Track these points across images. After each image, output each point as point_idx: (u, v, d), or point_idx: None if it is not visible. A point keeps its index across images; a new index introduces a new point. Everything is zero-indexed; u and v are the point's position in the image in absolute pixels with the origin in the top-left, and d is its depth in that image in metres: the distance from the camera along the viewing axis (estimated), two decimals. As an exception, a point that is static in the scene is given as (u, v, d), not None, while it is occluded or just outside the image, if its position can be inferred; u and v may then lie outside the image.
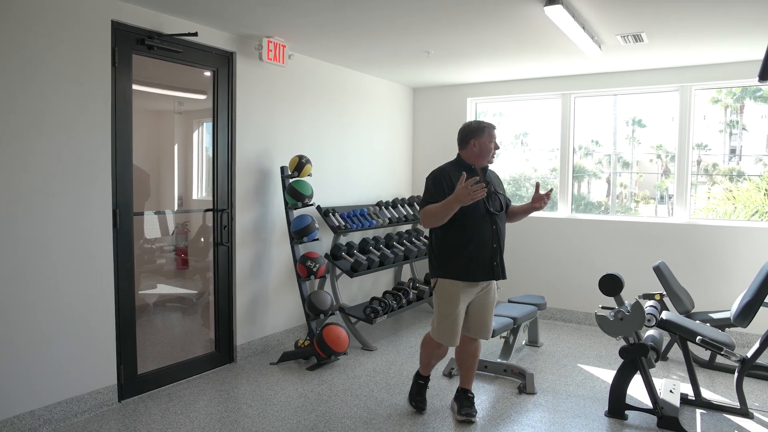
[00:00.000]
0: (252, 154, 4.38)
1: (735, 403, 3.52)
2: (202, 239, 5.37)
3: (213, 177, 4.16)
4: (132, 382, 3.58)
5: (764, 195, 5.89)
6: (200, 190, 5.25)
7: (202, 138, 5.31)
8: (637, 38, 4.03)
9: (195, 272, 5.50)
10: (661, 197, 6.83)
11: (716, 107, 5.61)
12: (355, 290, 5.65)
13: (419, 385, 3.55)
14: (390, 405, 3.59)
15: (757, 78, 1.70)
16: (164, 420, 3.30)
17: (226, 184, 4.21)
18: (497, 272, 3.22)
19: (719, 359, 4.31)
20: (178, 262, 5.46)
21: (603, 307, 3.67)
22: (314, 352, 4.26)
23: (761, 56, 4.58)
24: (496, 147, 3.27)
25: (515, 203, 3.55)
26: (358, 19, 3.75)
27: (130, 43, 3.46)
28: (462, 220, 3.06)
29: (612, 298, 3.57)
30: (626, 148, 6.41)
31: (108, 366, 3.42)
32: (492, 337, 4.03)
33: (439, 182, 3.13)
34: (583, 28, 3.71)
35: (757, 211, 5.79)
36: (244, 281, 4.37)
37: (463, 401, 3.42)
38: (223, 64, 4.11)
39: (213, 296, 4.24)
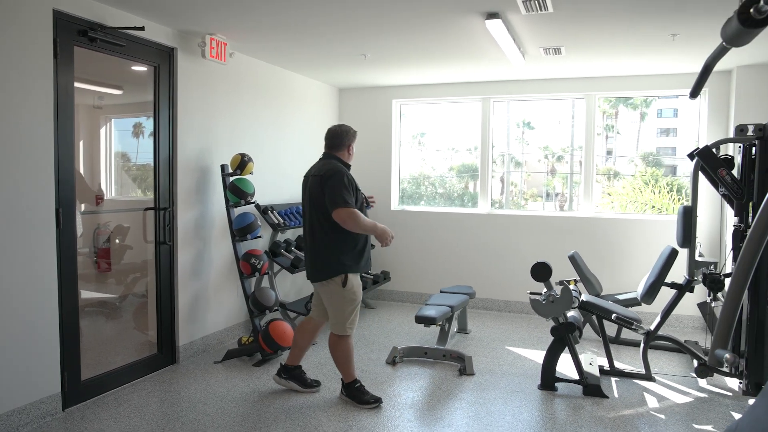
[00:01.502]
0: (193, 151, 4.31)
1: (641, 370, 4.07)
2: (117, 240, 5.16)
3: (155, 175, 4.05)
4: (76, 389, 3.42)
5: (651, 192, 6.71)
6: (109, 190, 5.05)
7: (110, 135, 5.11)
8: (557, 51, 4.50)
9: (114, 275, 5.26)
10: (548, 194, 7.36)
11: (595, 112, 6.28)
12: (288, 286, 5.71)
13: (359, 389, 3.58)
14: (344, 393, 3.74)
15: (689, 95, 2.07)
16: (118, 424, 3.21)
17: (168, 182, 4.12)
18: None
19: (623, 334, 4.92)
20: (99, 264, 5.19)
21: (531, 293, 4.08)
22: (259, 348, 4.30)
23: (655, 71, 5.29)
24: None
25: (416, 202, 3.92)
26: (301, 21, 3.86)
27: (72, 35, 3.31)
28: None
29: (539, 284, 4.00)
30: (517, 148, 6.88)
31: (51, 373, 3.25)
32: (433, 325, 4.34)
33: (351, 185, 3.37)
34: (514, 40, 4.09)
35: (647, 205, 6.59)
36: (185, 280, 4.30)
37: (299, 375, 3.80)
38: (164, 59, 4.02)
39: (155, 297, 4.12)
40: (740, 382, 3.81)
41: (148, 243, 4.20)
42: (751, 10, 1.28)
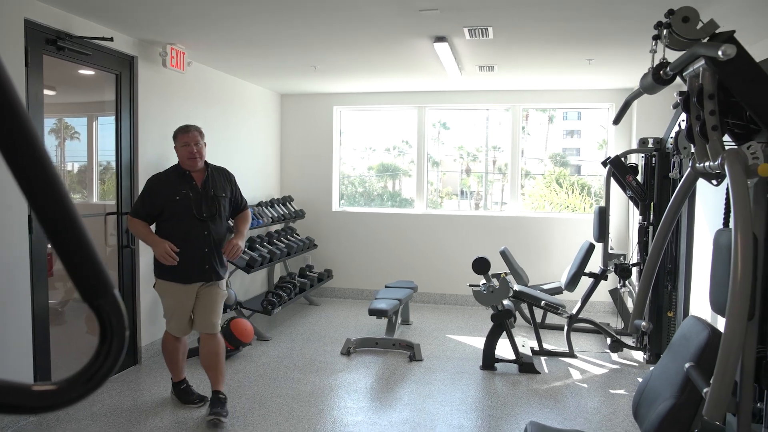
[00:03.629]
0: (152, 157, 4.43)
1: (565, 349, 4.70)
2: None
3: (117, 180, 4.14)
4: (47, 390, 3.49)
5: (565, 193, 7.48)
6: None
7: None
8: (491, 68, 5.04)
9: (53, 280, 5.21)
10: (463, 193, 7.72)
11: (508, 114, 6.82)
12: (238, 286, 5.88)
13: (185, 390, 3.64)
14: (308, 382, 4.05)
15: (612, 122, 2.58)
16: (97, 423, 3.34)
17: (129, 186, 4.22)
18: (209, 275, 3.36)
19: (547, 319, 5.57)
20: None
21: (471, 285, 4.59)
22: (220, 345, 4.49)
23: (573, 87, 5.98)
24: (191, 151, 3.35)
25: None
26: (257, 37, 4.12)
27: (41, 44, 3.38)
28: (170, 225, 3.32)
29: (474, 277, 4.51)
30: (433, 148, 7.17)
31: (24, 376, 3.32)
32: (384, 317, 4.73)
33: (147, 194, 3.35)
34: (455, 59, 4.57)
35: (561, 204, 7.34)
36: (146, 283, 4.40)
37: (214, 401, 3.43)
38: (125, 68, 4.12)
39: (117, 299, 4.20)
40: (644, 354, 4.53)
41: (108, 247, 4.27)
42: (661, 72, 1.78)
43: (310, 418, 3.46)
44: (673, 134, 3.87)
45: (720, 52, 1.36)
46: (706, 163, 1.76)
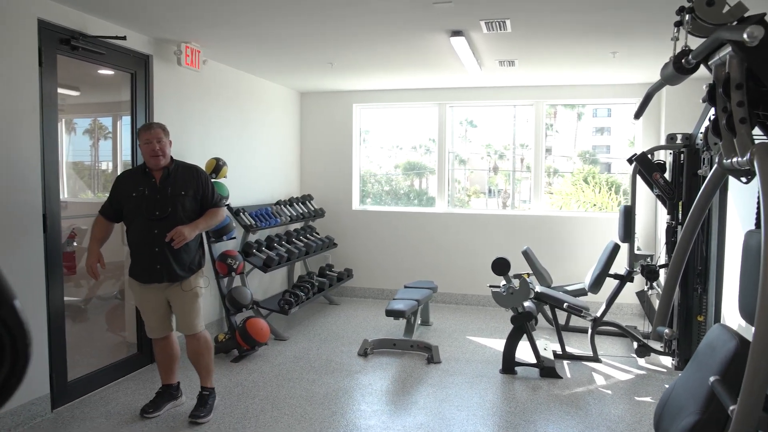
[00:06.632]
0: (168, 156, 4.42)
1: (589, 353, 4.53)
2: (75, 243, 5.21)
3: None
4: (63, 389, 3.51)
5: (591, 191, 7.27)
6: (63, 192, 5.08)
7: (62, 136, 5.15)
8: (511, 63, 4.90)
9: (76, 278, 5.29)
10: (490, 191, 7.56)
11: (543, 117, 6.62)
12: (256, 285, 5.87)
13: (158, 395, 3.55)
14: (323, 384, 3.99)
15: (633, 116, 2.44)
16: (110, 422, 3.34)
17: (146, 186, 4.22)
18: (161, 276, 3.25)
19: (572, 322, 5.40)
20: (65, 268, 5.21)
21: (491, 286, 4.45)
22: (236, 345, 4.47)
23: (597, 82, 5.79)
24: (153, 149, 3.23)
25: (362, 200, 3.99)
26: (273, 34, 4.09)
27: (55, 43, 3.38)
28: (128, 223, 3.31)
29: (495, 278, 4.38)
30: (460, 146, 7.06)
31: (41, 375, 3.33)
32: (402, 317, 4.64)
33: (112, 190, 3.36)
34: (473, 53, 4.45)
35: (588, 203, 7.12)
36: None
37: (198, 400, 3.50)
38: (140, 66, 4.12)
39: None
40: (673, 360, 4.33)
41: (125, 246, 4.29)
42: (683, 60, 1.64)
43: (323, 420, 3.40)
44: (702, 129, 3.68)
45: (746, 35, 1.23)
46: (734, 159, 1.62)
